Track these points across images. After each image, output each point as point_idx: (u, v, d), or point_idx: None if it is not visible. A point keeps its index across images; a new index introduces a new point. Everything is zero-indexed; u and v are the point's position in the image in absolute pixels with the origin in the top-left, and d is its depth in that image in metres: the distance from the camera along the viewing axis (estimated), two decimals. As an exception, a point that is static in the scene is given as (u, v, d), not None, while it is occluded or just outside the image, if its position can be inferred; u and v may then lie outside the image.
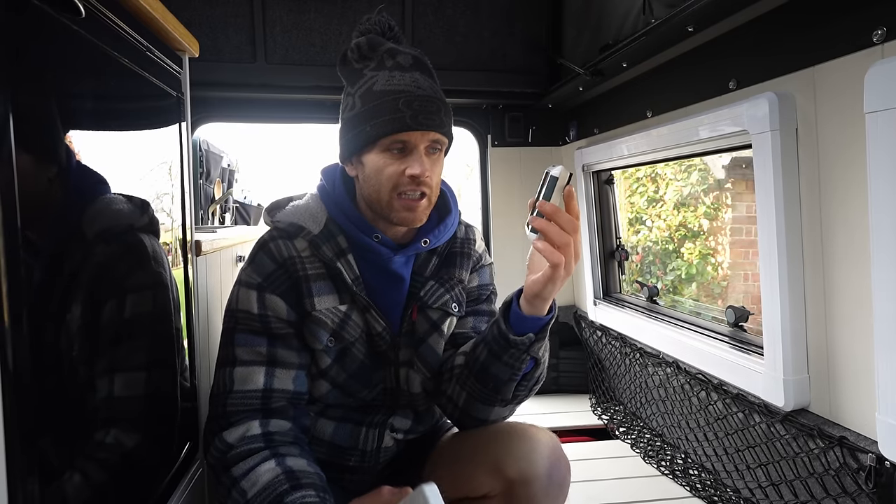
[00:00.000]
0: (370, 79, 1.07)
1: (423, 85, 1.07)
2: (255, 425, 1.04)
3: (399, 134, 1.04)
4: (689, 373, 1.86)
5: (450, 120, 1.10)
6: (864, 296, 1.22)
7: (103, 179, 0.86)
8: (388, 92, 1.05)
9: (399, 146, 1.05)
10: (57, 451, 0.72)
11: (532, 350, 1.02)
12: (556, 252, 0.92)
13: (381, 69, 1.07)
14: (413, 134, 1.04)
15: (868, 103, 1.12)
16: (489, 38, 2.59)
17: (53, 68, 0.74)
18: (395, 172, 1.06)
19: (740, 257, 4.17)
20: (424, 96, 1.05)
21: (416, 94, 1.05)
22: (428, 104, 1.05)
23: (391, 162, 1.06)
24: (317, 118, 2.75)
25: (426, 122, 1.04)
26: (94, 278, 0.82)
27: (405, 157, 1.06)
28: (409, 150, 1.06)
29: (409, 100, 1.04)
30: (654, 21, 1.64)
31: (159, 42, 1.11)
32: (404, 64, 1.07)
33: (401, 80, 1.06)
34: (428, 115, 1.05)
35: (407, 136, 1.04)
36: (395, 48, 1.09)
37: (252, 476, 0.98)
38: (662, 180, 4.52)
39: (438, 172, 1.11)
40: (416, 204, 1.07)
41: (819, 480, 1.36)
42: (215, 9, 2.34)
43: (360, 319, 1.13)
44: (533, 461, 1.08)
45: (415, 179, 1.05)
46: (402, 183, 1.06)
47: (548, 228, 0.92)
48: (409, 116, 1.03)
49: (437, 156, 1.10)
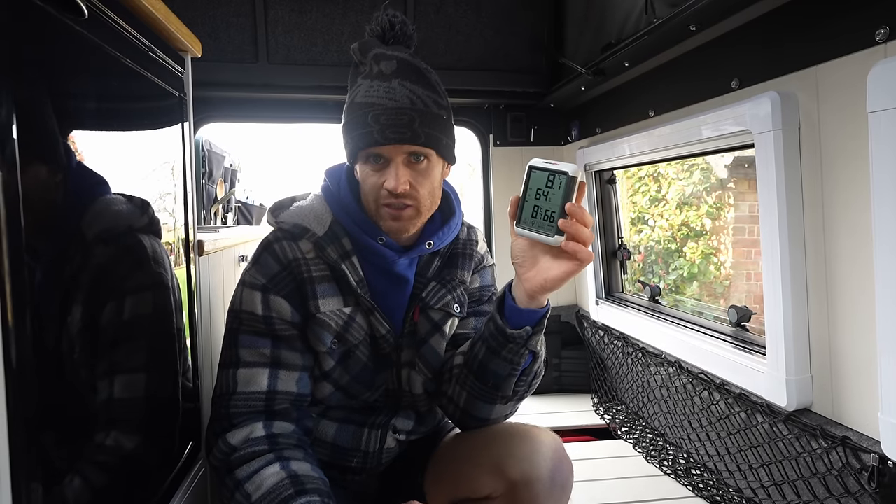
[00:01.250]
0: (357, 87, 1.07)
1: (398, 95, 1.03)
2: (258, 427, 1.04)
3: (371, 148, 1.04)
4: (691, 372, 1.86)
5: (433, 128, 1.05)
6: (867, 295, 1.22)
7: (106, 180, 0.86)
8: (362, 105, 1.04)
9: (375, 158, 1.05)
10: (60, 451, 0.72)
11: (530, 343, 1.02)
12: (586, 249, 0.92)
13: (367, 77, 1.06)
14: (385, 147, 1.03)
15: (871, 103, 1.12)
16: (491, 38, 2.59)
17: (56, 69, 0.75)
18: (375, 185, 1.06)
19: (743, 257, 4.17)
20: (395, 108, 1.02)
21: (386, 107, 1.02)
22: (398, 117, 1.02)
23: (372, 174, 1.06)
24: (319, 118, 2.76)
25: (394, 136, 1.02)
26: (97, 279, 0.82)
27: (384, 169, 1.05)
28: (386, 161, 1.05)
29: (377, 113, 1.02)
30: (656, 20, 1.64)
31: (162, 42, 1.12)
32: (386, 71, 1.05)
33: (377, 90, 1.04)
34: (397, 129, 1.02)
35: (379, 150, 1.04)
36: (383, 53, 1.06)
37: (256, 479, 0.98)
38: (665, 179, 4.52)
39: (427, 182, 1.07)
40: (400, 213, 1.06)
41: (822, 480, 1.36)
42: (217, 9, 2.35)
43: (364, 322, 1.13)
44: (535, 462, 1.08)
45: (392, 192, 1.04)
46: (382, 195, 1.05)
47: (578, 230, 0.91)
48: (376, 131, 1.02)
49: (423, 164, 1.06)
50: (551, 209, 0.92)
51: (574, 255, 0.92)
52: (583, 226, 0.91)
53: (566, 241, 0.91)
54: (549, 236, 0.92)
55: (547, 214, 0.93)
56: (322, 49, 2.46)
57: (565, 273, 0.94)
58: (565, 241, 0.91)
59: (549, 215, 0.92)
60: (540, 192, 0.94)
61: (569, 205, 0.91)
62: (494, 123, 2.88)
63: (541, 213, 0.93)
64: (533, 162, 0.96)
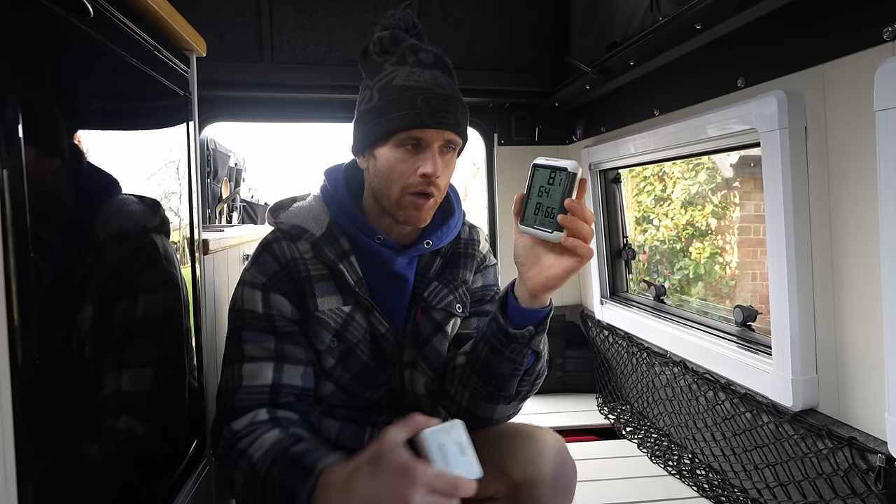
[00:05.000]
0: (390, 73, 1.07)
1: (443, 83, 1.07)
2: (262, 412, 1.04)
3: (415, 130, 1.04)
4: (696, 372, 1.86)
5: (466, 121, 1.10)
6: (874, 295, 1.21)
7: (112, 179, 0.86)
8: (408, 87, 1.05)
9: (413, 142, 1.05)
10: (67, 447, 0.73)
11: (533, 343, 1.02)
12: (586, 245, 0.92)
13: (402, 64, 1.07)
14: (429, 132, 1.04)
15: (878, 101, 1.11)
16: (496, 37, 2.58)
17: (62, 69, 0.75)
18: (406, 170, 1.06)
19: (748, 256, 4.16)
20: (443, 94, 1.05)
21: (436, 92, 1.05)
22: (446, 103, 1.05)
23: (404, 158, 1.06)
24: (324, 117, 2.76)
25: (443, 120, 1.04)
26: (106, 279, 0.83)
27: (418, 154, 1.06)
28: (422, 147, 1.05)
29: (427, 97, 1.04)
30: (661, 19, 1.63)
31: (167, 42, 1.12)
32: (426, 61, 1.07)
33: (421, 76, 1.06)
34: (445, 114, 1.04)
35: (422, 134, 1.04)
36: (418, 45, 1.09)
37: (257, 443, 0.98)
38: (670, 179, 4.51)
39: (449, 174, 1.10)
40: (423, 203, 1.07)
41: (828, 481, 1.35)
42: (222, 8, 2.36)
43: (364, 321, 1.13)
44: (539, 464, 1.08)
45: (426, 178, 1.05)
46: (413, 181, 1.05)
47: (578, 225, 0.91)
48: (426, 113, 1.03)
49: (451, 156, 1.10)
50: (552, 206, 0.92)
51: (574, 251, 0.92)
52: (583, 222, 0.91)
53: (566, 238, 0.91)
54: (549, 233, 0.92)
55: (548, 211, 0.93)
56: (327, 48, 2.46)
57: (566, 270, 0.94)
58: (565, 237, 0.91)
59: (550, 212, 0.92)
60: (542, 189, 0.94)
61: (568, 200, 0.91)
62: (499, 123, 2.88)
63: (542, 210, 0.93)
64: (537, 160, 0.96)
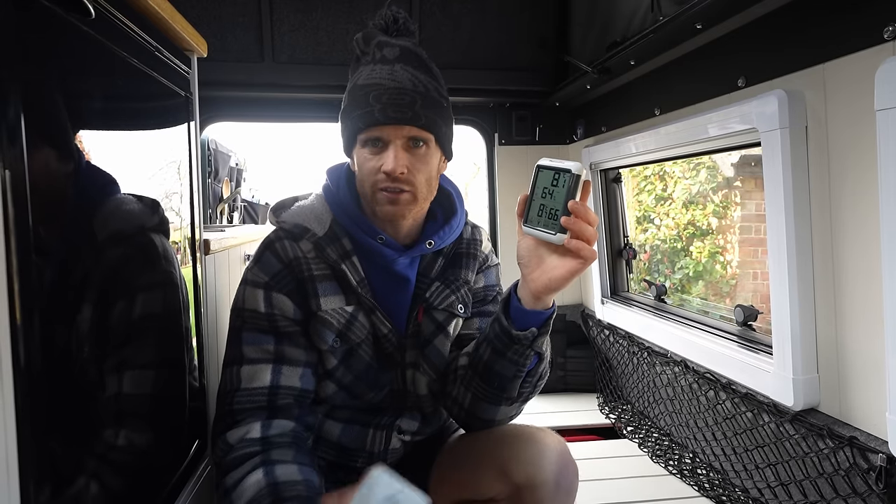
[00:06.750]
0: (358, 73, 1.07)
1: (400, 77, 1.03)
2: (255, 427, 1.04)
3: (372, 129, 1.03)
4: (697, 372, 1.86)
5: (434, 113, 1.05)
6: (875, 294, 1.21)
7: (114, 180, 0.86)
8: (363, 86, 1.04)
9: (374, 141, 1.04)
10: (68, 448, 0.73)
11: (535, 345, 1.02)
12: (589, 247, 0.91)
13: (368, 63, 1.06)
14: (385, 129, 1.03)
15: (879, 101, 1.11)
16: (496, 37, 2.58)
17: (63, 69, 0.75)
18: (372, 168, 1.05)
19: (749, 256, 4.15)
20: (397, 88, 1.02)
21: (387, 87, 1.02)
22: (399, 97, 1.02)
23: (370, 157, 1.05)
24: (324, 117, 2.76)
25: (395, 115, 1.01)
26: (106, 279, 0.83)
27: (382, 152, 1.04)
28: (384, 144, 1.04)
29: (378, 93, 1.02)
30: (661, 18, 1.63)
31: (168, 42, 1.12)
32: (389, 56, 1.05)
33: (379, 73, 1.04)
34: (398, 108, 1.01)
35: (379, 132, 1.03)
36: (386, 41, 1.07)
37: (239, 489, 0.98)
38: (671, 178, 4.50)
39: (425, 169, 1.06)
40: (398, 197, 1.05)
41: (829, 481, 1.35)
42: (223, 9, 2.36)
43: (366, 321, 1.13)
44: (541, 466, 1.08)
45: (389, 176, 1.03)
46: (380, 178, 1.04)
47: (582, 227, 0.90)
48: (377, 110, 1.01)
49: (422, 150, 1.06)
50: (556, 207, 0.92)
51: (577, 253, 0.91)
52: (586, 223, 0.90)
53: (569, 239, 0.91)
54: (552, 234, 0.92)
55: (552, 213, 0.92)
56: (327, 48, 2.46)
57: (569, 272, 0.93)
58: (568, 239, 0.91)
59: (554, 213, 0.92)
60: (546, 190, 0.93)
61: (572, 202, 0.90)
62: (499, 122, 2.88)
63: (546, 211, 0.93)
64: (541, 161, 0.96)
